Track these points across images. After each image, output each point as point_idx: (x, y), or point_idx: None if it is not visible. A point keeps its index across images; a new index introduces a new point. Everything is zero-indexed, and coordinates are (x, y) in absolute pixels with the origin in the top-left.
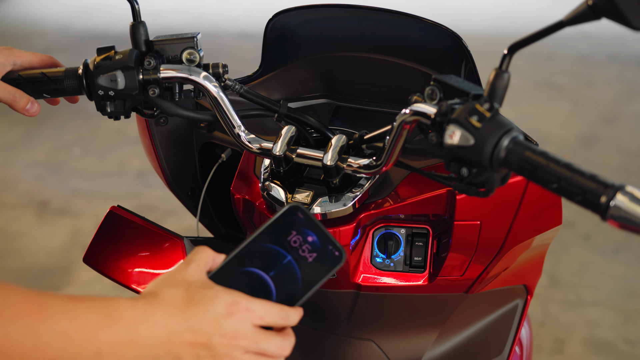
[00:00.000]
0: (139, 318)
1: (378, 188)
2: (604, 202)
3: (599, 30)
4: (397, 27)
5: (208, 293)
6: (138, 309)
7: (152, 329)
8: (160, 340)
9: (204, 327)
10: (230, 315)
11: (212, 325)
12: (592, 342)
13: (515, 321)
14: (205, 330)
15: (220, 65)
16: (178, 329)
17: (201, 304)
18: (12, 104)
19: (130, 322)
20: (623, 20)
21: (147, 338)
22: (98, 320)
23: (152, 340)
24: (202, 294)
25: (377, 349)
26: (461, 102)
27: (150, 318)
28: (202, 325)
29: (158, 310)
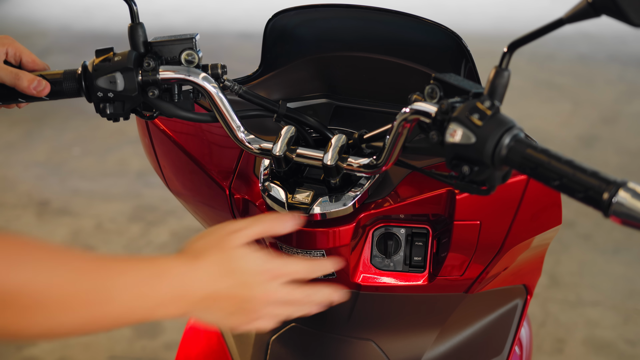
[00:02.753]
0: (182, 276)
1: (378, 188)
2: (606, 198)
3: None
4: (397, 27)
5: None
6: (183, 268)
7: (194, 287)
8: (203, 296)
9: (241, 290)
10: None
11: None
12: (592, 342)
13: (515, 321)
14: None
15: (219, 65)
16: (216, 291)
17: (236, 272)
18: (16, 83)
19: (176, 279)
20: (623, 17)
21: (191, 295)
22: (153, 276)
23: (195, 297)
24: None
25: (376, 349)
26: (462, 100)
27: (193, 278)
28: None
29: (200, 272)
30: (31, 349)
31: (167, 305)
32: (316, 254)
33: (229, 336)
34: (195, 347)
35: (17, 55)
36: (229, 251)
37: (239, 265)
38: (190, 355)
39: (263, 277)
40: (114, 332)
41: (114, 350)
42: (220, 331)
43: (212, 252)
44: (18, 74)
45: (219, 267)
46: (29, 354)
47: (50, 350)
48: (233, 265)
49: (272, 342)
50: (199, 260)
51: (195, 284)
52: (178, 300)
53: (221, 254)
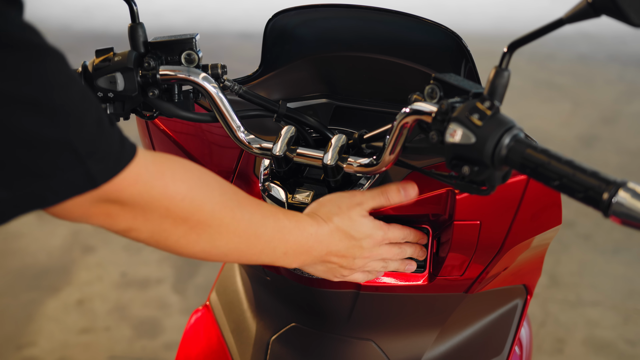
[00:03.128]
0: (314, 234)
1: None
2: (606, 198)
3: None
4: (397, 27)
5: (363, 229)
6: (314, 227)
7: (319, 245)
8: (321, 254)
9: (356, 250)
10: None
11: (357, 250)
12: (592, 342)
13: (515, 321)
14: (355, 252)
15: (219, 65)
16: (340, 248)
17: (355, 237)
18: None
19: (308, 235)
20: (622, 17)
21: (315, 250)
22: (290, 227)
23: (317, 253)
24: (359, 230)
25: (377, 349)
26: (461, 100)
27: (320, 238)
28: (351, 250)
29: (326, 233)
30: (31, 349)
31: (297, 255)
32: None
33: (229, 336)
34: (195, 347)
35: None
36: (354, 220)
37: (359, 231)
38: (190, 355)
39: (373, 241)
40: (114, 332)
41: (114, 350)
42: (220, 331)
43: (340, 218)
44: None
45: (343, 232)
46: (29, 354)
47: (50, 350)
48: (354, 231)
49: (272, 342)
50: (329, 224)
51: (323, 241)
52: (305, 253)
53: (347, 221)
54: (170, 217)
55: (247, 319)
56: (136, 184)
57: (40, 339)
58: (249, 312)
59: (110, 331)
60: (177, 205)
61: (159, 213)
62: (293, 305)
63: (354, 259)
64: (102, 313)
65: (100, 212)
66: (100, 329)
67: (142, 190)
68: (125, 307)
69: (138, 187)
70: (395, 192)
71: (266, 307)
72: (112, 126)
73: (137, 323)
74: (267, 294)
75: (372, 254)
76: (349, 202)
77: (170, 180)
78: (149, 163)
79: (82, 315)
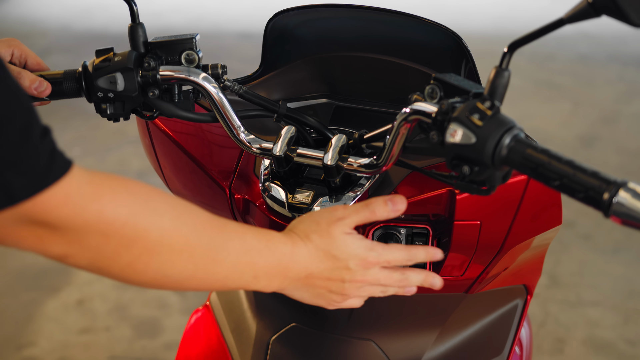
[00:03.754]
0: (288, 254)
1: (378, 188)
2: (606, 198)
3: (599, 30)
4: (397, 27)
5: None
6: (288, 246)
7: (295, 266)
8: (299, 276)
9: (341, 273)
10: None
11: (345, 272)
12: (592, 342)
13: (515, 321)
14: (342, 275)
15: (219, 65)
16: (316, 272)
17: (339, 258)
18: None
19: (281, 255)
20: (623, 17)
21: (292, 272)
22: (260, 248)
23: (295, 275)
24: (342, 250)
25: (377, 349)
26: (462, 100)
27: (295, 258)
28: (337, 273)
29: (303, 252)
30: (31, 349)
31: (269, 278)
32: None
33: (229, 336)
34: (195, 347)
35: (22, 57)
36: (335, 237)
37: (343, 251)
38: (190, 355)
39: (363, 262)
40: (114, 332)
41: (114, 350)
42: (220, 331)
43: (318, 236)
44: (20, 73)
45: (323, 251)
46: (29, 354)
47: (50, 350)
48: (336, 251)
49: (272, 342)
50: (306, 242)
51: (300, 262)
52: (279, 275)
53: (327, 239)
54: (110, 244)
55: (247, 319)
56: (65, 205)
57: (40, 339)
58: (249, 312)
59: (110, 331)
60: (117, 232)
61: (96, 240)
62: (293, 305)
63: (343, 282)
64: (102, 313)
65: (28, 235)
66: (100, 329)
67: (73, 213)
68: (125, 307)
69: (68, 209)
70: (381, 205)
71: (266, 307)
72: (44, 137)
73: (137, 323)
74: (267, 294)
75: (365, 278)
76: (329, 217)
77: (109, 203)
78: (83, 183)
79: (82, 315)
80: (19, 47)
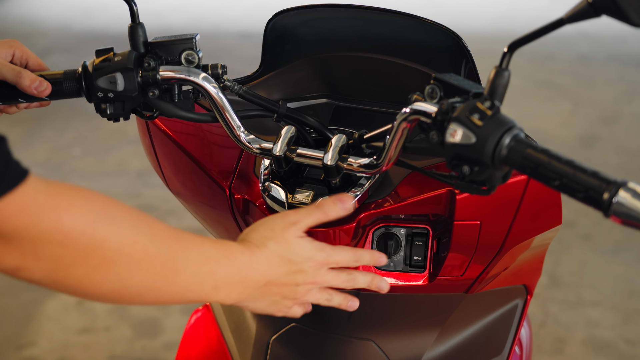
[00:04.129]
0: (247, 263)
1: (378, 188)
2: (606, 198)
3: (599, 30)
4: (397, 27)
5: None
6: (246, 255)
7: (255, 274)
8: (259, 285)
9: (293, 278)
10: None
11: (299, 275)
12: (592, 342)
13: (515, 321)
14: (296, 279)
15: (219, 65)
16: (273, 279)
17: (294, 262)
18: (18, 81)
19: (240, 264)
20: (623, 17)
21: (252, 281)
22: (218, 257)
23: (255, 283)
24: (297, 253)
25: (377, 349)
26: (462, 100)
27: (254, 266)
28: (292, 277)
29: (261, 261)
30: (31, 349)
31: (229, 288)
32: None
33: (229, 336)
34: (195, 347)
35: (23, 58)
36: (290, 242)
37: (298, 254)
38: (190, 355)
39: (314, 263)
40: (114, 332)
41: (114, 350)
42: (220, 331)
43: (274, 242)
44: (20, 72)
45: (280, 257)
46: (29, 354)
47: (50, 350)
48: (292, 255)
49: (272, 342)
50: (263, 250)
51: (259, 271)
52: (239, 285)
53: (283, 244)
54: (66, 255)
55: (247, 319)
56: (20, 215)
57: (40, 339)
58: (249, 312)
59: (110, 331)
60: (74, 242)
61: (52, 250)
62: None
63: (297, 286)
64: (102, 313)
65: None
66: (100, 329)
67: (29, 223)
68: (125, 307)
69: (23, 218)
70: (331, 205)
71: None
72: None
73: (137, 323)
74: None
75: (316, 280)
76: (282, 223)
77: (66, 212)
78: (40, 192)
79: (82, 315)
80: (19, 48)
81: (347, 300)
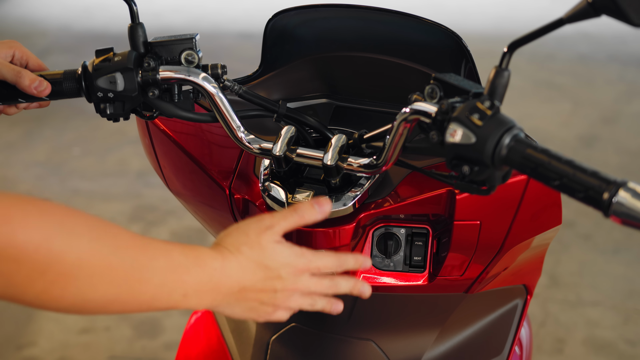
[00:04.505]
0: (219, 269)
1: (378, 188)
2: (606, 198)
3: (599, 30)
4: (397, 26)
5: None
6: (218, 261)
7: (227, 281)
8: (232, 291)
9: (270, 284)
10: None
11: (277, 281)
12: (592, 342)
13: (515, 321)
14: (273, 285)
15: (219, 65)
16: (248, 285)
17: (271, 268)
18: (17, 81)
19: (211, 271)
20: (623, 17)
21: (224, 287)
22: (188, 265)
23: (227, 290)
24: (273, 259)
25: (377, 349)
26: (462, 100)
27: (227, 272)
28: (269, 283)
29: (234, 266)
30: (31, 349)
31: (200, 295)
32: None
33: (229, 336)
34: (195, 347)
35: (23, 59)
36: (265, 247)
37: (274, 259)
38: (190, 355)
39: (294, 270)
40: (114, 332)
41: (114, 350)
42: (220, 331)
43: (248, 247)
44: (20, 72)
45: (255, 262)
46: (29, 354)
47: (50, 350)
48: (268, 261)
49: (272, 342)
50: (236, 255)
51: (232, 277)
52: (211, 292)
53: (258, 249)
54: (22, 270)
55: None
56: None
57: (40, 339)
58: None
59: (110, 331)
60: (29, 257)
61: (6, 266)
62: None
63: (275, 292)
64: None
65: None
66: (100, 329)
67: None
68: None
69: None
70: (308, 208)
71: None
72: None
73: (137, 323)
74: None
75: (296, 286)
76: (257, 227)
77: (20, 226)
78: None
79: (82, 315)
80: (19, 49)
81: (331, 304)
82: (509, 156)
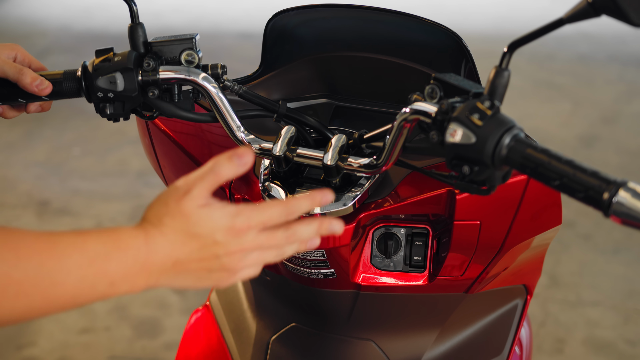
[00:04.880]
0: (143, 248)
1: (378, 188)
2: (606, 198)
3: (599, 30)
4: (397, 27)
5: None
6: (140, 239)
7: (156, 257)
8: (166, 267)
9: (209, 251)
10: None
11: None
12: (592, 342)
13: (515, 321)
14: (213, 251)
15: (219, 65)
16: (182, 257)
17: (202, 235)
18: (19, 78)
19: (135, 251)
20: (623, 17)
21: (154, 265)
22: (107, 252)
23: (159, 267)
24: (201, 225)
25: (377, 349)
26: (462, 100)
27: (153, 248)
28: (207, 251)
29: (159, 241)
30: (31, 349)
31: (130, 279)
32: (315, 254)
33: (229, 336)
34: (195, 347)
35: (25, 61)
36: (189, 214)
37: (203, 226)
38: (190, 355)
39: (231, 231)
40: (114, 332)
41: (114, 350)
42: (220, 331)
43: (170, 218)
44: (22, 70)
45: (181, 232)
46: (29, 354)
47: (50, 350)
48: (195, 228)
49: (272, 342)
50: (158, 229)
51: (158, 254)
52: (141, 273)
53: (180, 219)
54: None
55: (247, 319)
56: None
57: (40, 339)
58: (249, 312)
59: (110, 331)
60: None
61: None
62: (293, 305)
63: (218, 258)
64: (102, 313)
65: None
66: (100, 329)
67: None
68: (125, 307)
69: None
70: (225, 162)
71: (266, 307)
72: None
73: (137, 323)
74: (267, 294)
75: (243, 247)
76: (175, 194)
77: None
78: None
79: (82, 315)
80: (21, 52)
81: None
82: (509, 156)
